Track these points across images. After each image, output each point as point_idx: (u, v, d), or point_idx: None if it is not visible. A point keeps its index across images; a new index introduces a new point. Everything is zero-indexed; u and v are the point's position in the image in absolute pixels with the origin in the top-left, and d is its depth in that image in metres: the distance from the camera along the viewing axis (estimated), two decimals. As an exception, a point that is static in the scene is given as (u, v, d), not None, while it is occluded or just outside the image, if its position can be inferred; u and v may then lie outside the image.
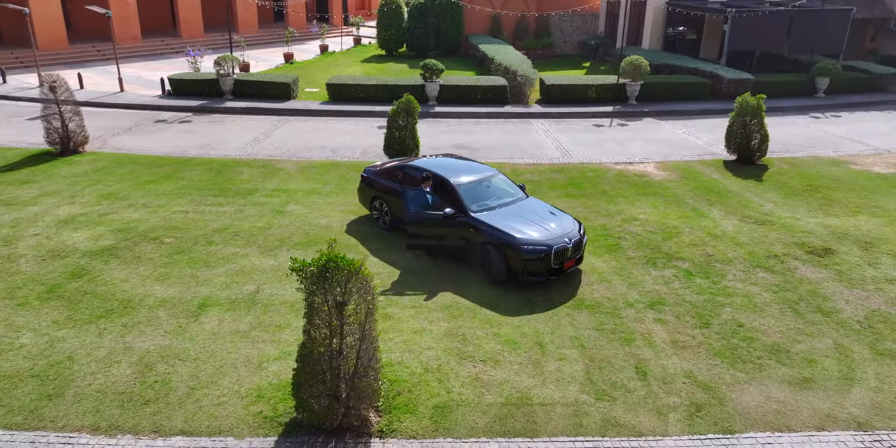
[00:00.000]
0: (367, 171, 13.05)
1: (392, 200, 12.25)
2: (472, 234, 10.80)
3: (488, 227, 10.60)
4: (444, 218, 10.89)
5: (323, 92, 25.49)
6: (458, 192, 11.16)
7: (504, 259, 10.33)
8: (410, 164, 12.24)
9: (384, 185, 12.45)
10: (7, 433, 7.35)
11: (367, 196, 12.95)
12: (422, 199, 11.19)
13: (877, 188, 15.74)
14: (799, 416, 7.77)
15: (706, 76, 25.23)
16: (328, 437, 7.35)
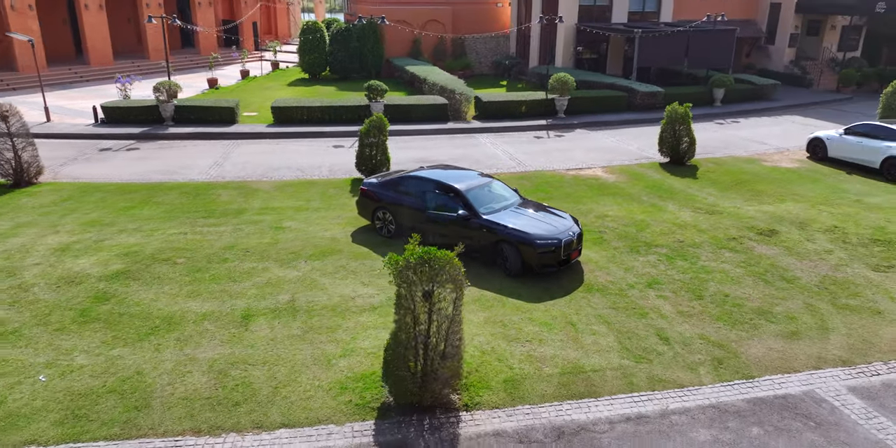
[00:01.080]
0: (366, 185, 13.80)
1: (397, 210, 13.09)
2: (484, 234, 11.86)
3: (501, 226, 11.71)
4: (459, 218, 11.92)
5: (262, 115, 25.73)
6: (467, 198, 12.22)
7: (519, 254, 11.46)
8: (413, 175, 13.15)
9: (388, 195, 13.26)
10: (112, 444, 7.56)
11: (368, 207, 13.69)
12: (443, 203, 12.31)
13: (791, 180, 18.32)
14: (797, 360, 9.39)
15: (622, 90, 27.81)
16: (420, 416, 8.11)
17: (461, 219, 11.99)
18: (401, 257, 7.68)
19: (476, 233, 11.95)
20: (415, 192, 12.88)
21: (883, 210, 15.63)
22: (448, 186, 12.48)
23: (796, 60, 36.36)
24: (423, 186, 12.81)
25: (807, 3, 34.52)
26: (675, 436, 7.79)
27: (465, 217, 11.96)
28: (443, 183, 12.59)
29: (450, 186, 12.47)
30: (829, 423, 8.06)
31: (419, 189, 12.85)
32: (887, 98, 23.05)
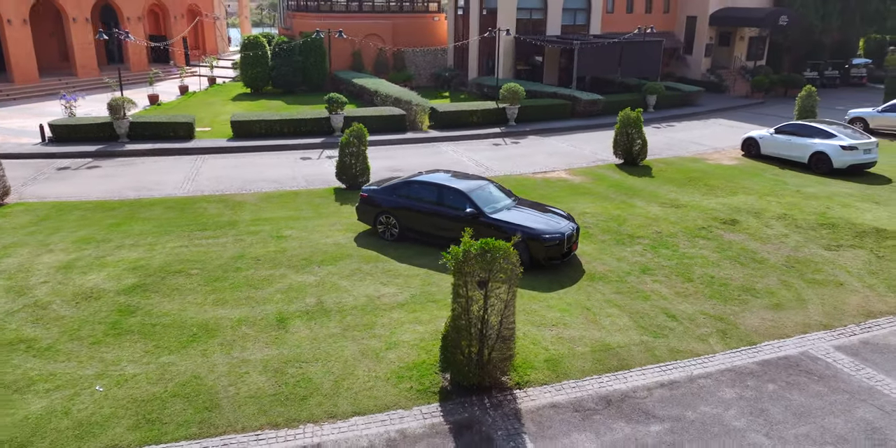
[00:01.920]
0: (367, 191, 14.33)
1: (402, 214, 13.70)
2: (492, 232, 12.66)
3: (508, 224, 12.57)
4: (467, 218, 12.70)
5: (216, 130, 25.58)
6: (473, 198, 13.01)
7: (527, 249, 12.34)
8: (417, 180, 13.82)
9: (391, 200, 13.86)
10: (194, 442, 7.81)
11: (370, 213, 14.22)
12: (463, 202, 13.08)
13: (735, 176, 20.19)
14: (787, 327, 10.71)
15: (566, 98, 29.44)
16: (479, 396, 8.79)
17: (469, 218, 12.78)
18: (460, 249, 8.35)
19: (485, 230, 12.74)
20: (420, 196, 13.56)
21: (819, 199, 17.60)
22: (453, 189, 13.24)
23: (712, 69, 39.44)
24: (427, 190, 13.51)
25: (719, 16, 37.62)
26: (706, 396, 8.84)
27: (473, 216, 12.76)
28: (448, 186, 13.34)
29: (455, 189, 13.23)
30: (827, 376, 9.34)
31: (424, 193, 13.54)
32: (802, 101, 25.60)
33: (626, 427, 8.18)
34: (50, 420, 8.14)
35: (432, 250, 13.53)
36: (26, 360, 9.45)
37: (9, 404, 8.44)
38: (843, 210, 16.55)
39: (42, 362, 9.39)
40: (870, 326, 10.81)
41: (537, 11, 35.07)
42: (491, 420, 8.33)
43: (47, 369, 9.23)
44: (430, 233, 13.51)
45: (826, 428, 8.17)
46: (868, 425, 8.24)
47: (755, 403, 8.66)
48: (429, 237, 13.57)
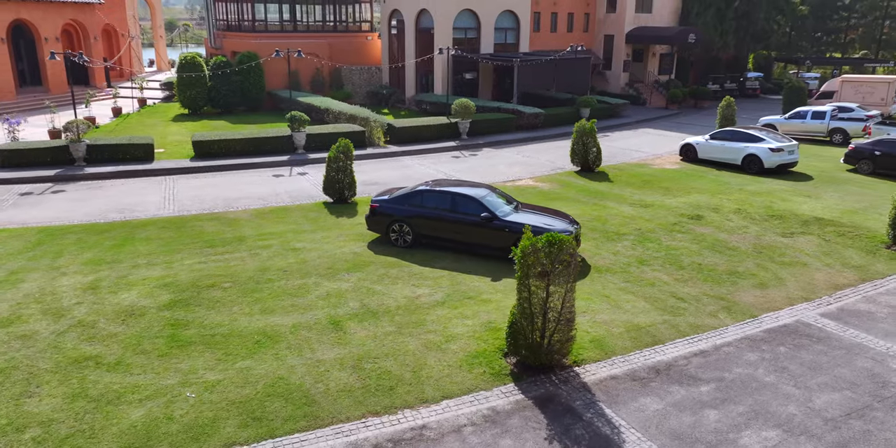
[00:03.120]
0: (377, 202, 15.06)
1: (415, 221, 14.53)
2: (506, 234, 13.76)
3: (520, 225, 13.68)
4: (482, 221, 13.75)
5: (170, 151, 25.27)
6: (485, 204, 14.06)
7: (541, 246, 13.52)
8: (429, 189, 14.72)
9: (403, 209, 14.66)
10: (308, 433, 8.35)
11: (382, 222, 14.95)
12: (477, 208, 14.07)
13: (682, 178, 22.39)
14: (776, 302, 12.44)
15: (510, 112, 31.15)
16: (546, 375, 9.80)
17: (485, 221, 13.82)
18: (527, 242, 9.38)
19: (498, 233, 13.83)
20: (433, 204, 14.46)
21: (762, 195, 19.96)
22: (467, 195, 14.25)
23: (630, 83, 42.67)
24: (440, 198, 14.44)
25: (634, 35, 40.87)
26: (734, 360, 10.28)
27: (487, 219, 13.81)
28: (461, 193, 14.33)
29: (468, 195, 14.24)
30: (822, 337, 11.06)
31: (437, 201, 14.46)
32: (723, 111, 28.52)
33: (680, 390, 9.45)
34: (157, 426, 8.41)
35: (447, 254, 14.47)
36: (101, 375, 9.56)
37: (108, 415, 8.61)
38: (783, 203, 18.92)
39: (119, 376, 9.53)
40: (840, 297, 12.74)
41: (471, 30, 36.82)
42: (565, 393, 9.36)
43: (128, 382, 9.40)
44: (445, 237, 14.44)
45: (838, 376, 9.79)
46: (868, 372, 9.94)
47: (776, 363, 10.19)
48: (444, 242, 14.49)
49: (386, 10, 39.40)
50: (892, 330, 11.34)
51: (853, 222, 17.19)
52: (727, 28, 44.24)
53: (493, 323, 11.31)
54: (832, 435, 8.41)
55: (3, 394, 9.06)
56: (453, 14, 35.49)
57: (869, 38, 55.82)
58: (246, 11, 39.77)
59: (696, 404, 9.08)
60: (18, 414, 8.62)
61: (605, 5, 41.44)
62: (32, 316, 11.37)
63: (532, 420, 8.73)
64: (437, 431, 8.47)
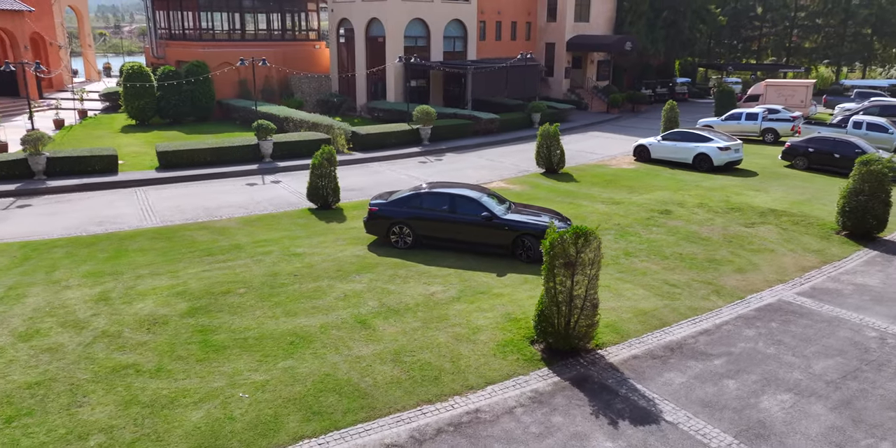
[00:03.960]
0: (376, 206, 15.46)
1: (415, 223, 15.03)
2: (506, 232, 14.48)
3: (519, 223, 14.46)
4: (483, 221, 14.42)
5: (129, 163, 24.71)
6: (483, 204, 14.73)
7: (539, 243, 14.28)
8: (427, 191, 15.25)
9: (403, 212, 15.13)
10: (370, 423, 8.76)
11: (381, 225, 15.36)
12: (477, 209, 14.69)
13: (641, 177, 23.79)
14: (756, 283, 13.68)
15: (467, 118, 32.01)
16: (574, 358, 10.55)
17: (485, 221, 14.49)
18: (556, 235, 10.12)
19: (498, 231, 14.53)
20: (433, 206, 15.01)
21: (717, 190, 21.55)
22: (466, 196, 14.88)
23: (571, 89, 44.46)
24: (440, 199, 15.00)
25: (574, 43, 42.67)
26: (735, 335, 11.34)
27: (487, 219, 14.49)
28: (460, 194, 14.95)
29: (467, 196, 14.88)
30: (805, 313, 12.31)
31: (437, 202, 15.01)
32: (667, 113, 30.35)
33: (697, 364, 10.39)
34: (221, 426, 8.61)
35: (448, 253, 15.05)
36: (145, 381, 9.61)
37: (168, 419, 8.72)
38: (738, 197, 20.53)
39: (164, 382, 9.61)
40: (808, 278, 14.13)
41: (422, 39, 37.53)
42: (596, 373, 10.13)
43: (175, 387, 9.50)
44: (445, 237, 15.01)
45: (826, 345, 11.00)
46: (849, 340, 11.20)
47: (772, 337, 11.32)
48: (444, 242, 15.06)
49: (334, 18, 39.58)
50: (860, 304, 12.74)
51: (802, 212, 18.90)
52: (657, 36, 46.84)
53: (512, 314, 11.98)
54: (836, 394, 9.53)
55: (51, 405, 9.00)
56: (404, 23, 36.12)
57: (779, 46, 60.18)
58: (191, 20, 39.06)
59: (715, 376, 10.04)
60: (75, 423, 8.61)
61: (545, 15, 43.09)
62: (52, 329, 11.19)
63: (574, 398, 9.44)
64: (491, 414, 9.04)
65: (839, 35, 55.29)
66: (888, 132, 26.66)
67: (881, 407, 9.23)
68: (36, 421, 8.66)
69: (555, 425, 8.78)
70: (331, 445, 8.33)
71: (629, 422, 8.86)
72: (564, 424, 8.80)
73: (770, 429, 8.71)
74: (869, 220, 16.49)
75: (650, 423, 8.84)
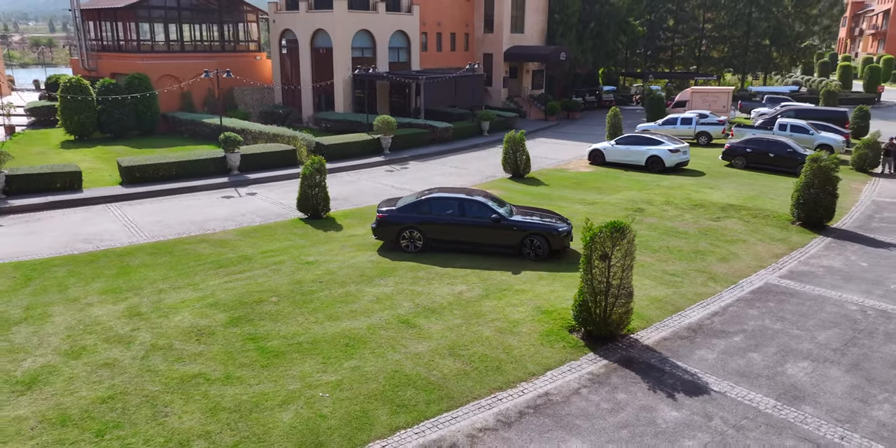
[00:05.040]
0: (385, 212, 15.91)
1: (426, 227, 15.61)
2: (514, 232, 15.32)
3: (526, 224, 15.35)
4: (492, 222, 15.21)
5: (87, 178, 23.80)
6: (491, 206, 15.51)
7: (547, 241, 15.23)
8: (436, 197, 15.88)
9: (412, 217, 15.68)
10: (454, 412, 9.31)
11: (391, 231, 15.83)
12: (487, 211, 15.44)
13: (602, 179, 25.31)
14: (742, 270, 15.17)
15: (423, 127, 32.73)
16: (612, 342, 11.49)
17: (494, 222, 15.28)
18: (596, 229, 11.05)
19: (507, 231, 15.35)
20: (442, 210, 15.65)
21: (676, 189, 23.31)
22: (474, 200, 15.63)
23: (510, 97, 46.10)
24: (448, 204, 15.67)
25: (512, 53, 44.35)
26: (742, 315, 12.65)
27: (496, 221, 15.29)
28: (468, 198, 15.68)
29: (476, 200, 15.63)
30: (793, 293, 13.84)
31: (446, 207, 15.67)
32: (611, 120, 32.27)
33: (720, 342, 11.58)
34: (316, 423, 8.92)
35: (457, 255, 15.72)
36: (220, 388, 9.73)
37: (260, 421, 8.94)
38: (697, 195, 22.35)
39: (239, 388, 9.77)
40: (783, 263, 15.79)
41: (368, 50, 37.99)
42: (637, 354, 11.11)
43: (252, 392, 9.68)
44: (455, 240, 15.68)
45: (821, 319, 12.50)
46: (838, 314, 12.77)
47: (774, 314, 12.72)
48: (454, 244, 15.72)
49: (276, 30, 39.35)
50: (834, 283, 14.44)
51: (756, 206, 20.87)
52: (585, 47, 49.38)
53: (542, 307, 12.81)
54: (845, 359, 10.94)
55: (135, 417, 9.00)
56: (351, 34, 36.47)
57: (690, 55, 64.66)
58: (127, 31, 37.73)
59: (739, 350, 11.25)
60: (169, 432, 8.69)
61: (482, 26, 44.57)
62: (97, 345, 11.01)
63: (628, 377, 10.36)
64: (560, 395, 9.81)
65: (743, 46, 60.06)
66: (809, 133, 29.61)
67: (885, 366, 10.71)
68: (128, 433, 8.67)
69: (621, 401, 9.66)
70: (427, 434, 8.85)
71: (684, 394, 9.87)
72: (629, 400, 9.70)
73: (802, 391, 9.96)
74: (819, 211, 18.52)
75: (702, 393, 9.89)
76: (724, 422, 9.15)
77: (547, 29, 47.53)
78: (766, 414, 9.34)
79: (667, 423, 9.13)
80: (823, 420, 9.21)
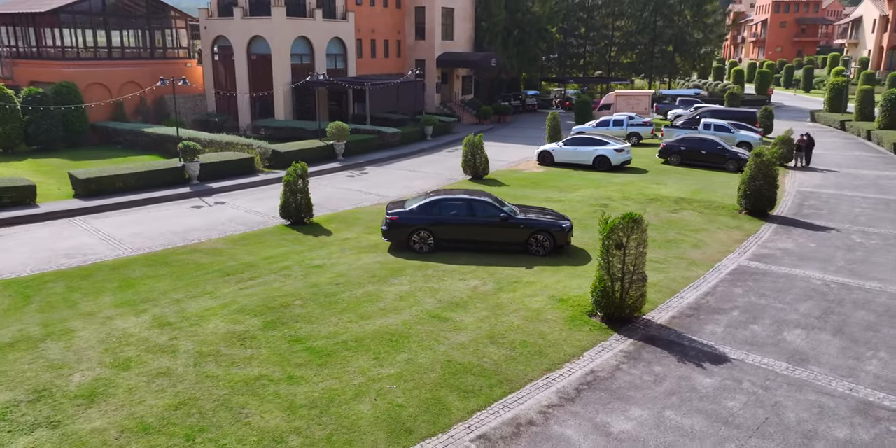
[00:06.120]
0: (396, 214, 16.49)
1: (437, 228, 16.31)
2: (522, 230, 16.22)
3: (531, 221, 16.33)
4: (501, 221, 16.07)
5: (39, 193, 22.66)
6: (498, 206, 16.36)
7: (552, 238, 16.22)
8: (442, 198, 16.67)
9: (423, 218, 16.35)
10: (517, 393, 10.06)
11: (403, 232, 16.43)
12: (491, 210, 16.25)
13: (559, 178, 26.71)
14: (713, 256, 16.78)
15: (372, 133, 33.08)
16: (631, 323, 12.59)
17: (502, 221, 16.13)
18: (614, 220, 12.11)
19: (514, 229, 16.25)
20: (452, 211, 16.40)
21: (628, 185, 25.04)
22: (483, 201, 16.51)
23: (443, 102, 47.14)
24: (458, 205, 16.46)
25: (444, 59, 45.43)
26: (731, 294, 14.12)
27: (504, 219, 16.14)
28: (476, 199, 16.56)
29: (484, 201, 16.51)
30: (764, 273, 15.52)
31: (455, 208, 16.42)
32: (551, 122, 33.92)
33: (722, 317, 12.95)
34: (396, 412, 9.40)
35: (459, 254, 16.41)
36: (289, 388, 9.98)
37: (343, 414, 9.31)
38: (649, 190, 24.14)
39: (306, 386, 10.05)
40: (745, 247, 17.58)
41: (306, 56, 37.86)
42: (656, 333, 12.26)
43: (321, 388, 10.00)
44: (465, 239, 16.46)
45: (797, 294, 14.17)
46: (808, 288, 14.51)
47: (756, 291, 14.28)
48: (464, 243, 16.48)
49: (208, 36, 38.41)
50: (794, 263, 16.28)
51: (703, 198, 22.86)
52: (510, 53, 51.28)
53: (556, 296, 13.76)
54: (828, 326, 12.56)
55: (217, 420, 9.13)
56: (290, 40, 36.26)
57: (601, 61, 68.36)
58: (48, 37, 35.66)
59: (741, 324, 12.65)
60: (257, 431, 8.89)
61: (414, 33, 45.38)
62: (141, 356, 10.89)
63: (656, 352, 11.47)
64: (605, 372, 10.76)
65: (649, 52, 64.23)
66: (731, 132, 32.46)
67: (862, 329, 12.41)
68: (217, 435, 8.80)
69: (659, 373, 10.73)
70: (502, 414, 9.53)
71: (710, 363, 11.08)
72: (666, 372, 10.78)
73: (805, 354, 11.42)
74: (764, 201, 20.63)
75: (724, 362, 11.13)
76: (752, 384, 10.41)
77: (475, 36, 49.01)
78: (783, 375, 10.69)
79: (706, 388, 10.28)
80: (831, 376, 10.66)
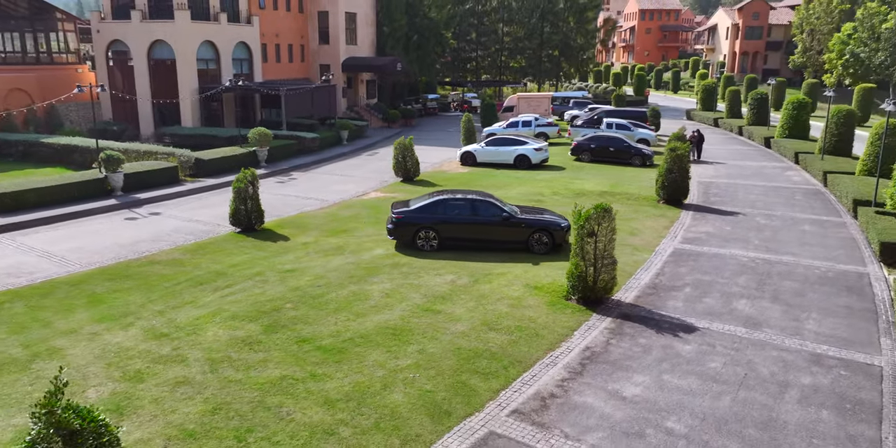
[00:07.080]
0: (401, 214, 17.03)
1: (442, 227, 16.88)
2: (523, 229, 17.07)
3: (532, 220, 17.25)
4: (503, 220, 16.92)
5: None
6: (500, 206, 17.13)
7: (552, 237, 17.18)
8: (447, 199, 17.29)
9: (428, 218, 16.91)
10: (531, 371, 10.94)
11: (408, 231, 16.97)
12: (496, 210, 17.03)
13: (485, 177, 27.88)
14: (651, 240, 18.56)
15: (291, 138, 32.73)
16: (603, 304, 13.86)
17: (504, 220, 16.93)
18: (588, 211, 13.30)
19: (516, 229, 17.09)
20: (456, 211, 17.06)
21: (552, 181, 26.68)
22: (485, 201, 17.28)
23: (349, 107, 47.20)
24: (462, 205, 17.16)
25: (349, 64, 45.55)
26: (678, 273, 15.79)
27: (506, 219, 16.95)
28: (480, 199, 17.31)
29: (487, 201, 17.29)
30: (699, 254, 17.41)
31: (460, 207, 17.11)
32: (465, 124, 35.12)
33: (678, 293, 14.52)
34: (428, 397, 9.97)
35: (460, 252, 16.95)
36: (317, 385, 10.25)
37: (380, 405, 9.75)
38: (573, 185, 25.90)
39: (332, 383, 10.36)
40: (674, 232, 19.53)
41: (212, 61, 36.71)
42: (629, 310, 13.59)
43: (348, 382, 10.35)
44: (468, 238, 17.15)
45: (731, 269, 16.09)
46: (739, 264, 16.50)
47: (697, 269, 16.05)
48: (467, 241, 17.17)
49: (101, 40, 36.19)
50: (719, 244, 18.36)
51: (623, 191, 24.90)
52: (411, 58, 52.22)
53: (530, 284, 14.78)
54: (766, 295, 14.47)
55: (260, 419, 9.27)
56: (196, 45, 35.04)
57: (493, 66, 71.02)
58: None
59: (695, 298, 14.28)
60: (305, 426, 9.14)
61: (317, 38, 45.13)
62: (151, 368, 10.67)
63: (636, 327, 12.77)
64: (598, 348, 11.88)
65: (538, 56, 67.54)
66: (630, 130, 35.25)
67: (793, 296, 14.42)
68: (267, 433, 8.97)
69: (645, 345, 12.01)
70: (524, 391, 10.36)
71: (683, 333, 12.52)
72: (650, 343, 12.08)
73: (755, 319, 13.17)
74: (679, 191, 22.90)
75: (694, 331, 12.62)
76: (724, 347, 11.93)
77: (377, 41, 49.48)
78: (745, 338, 12.32)
79: (688, 354, 11.67)
80: (783, 336, 12.42)
